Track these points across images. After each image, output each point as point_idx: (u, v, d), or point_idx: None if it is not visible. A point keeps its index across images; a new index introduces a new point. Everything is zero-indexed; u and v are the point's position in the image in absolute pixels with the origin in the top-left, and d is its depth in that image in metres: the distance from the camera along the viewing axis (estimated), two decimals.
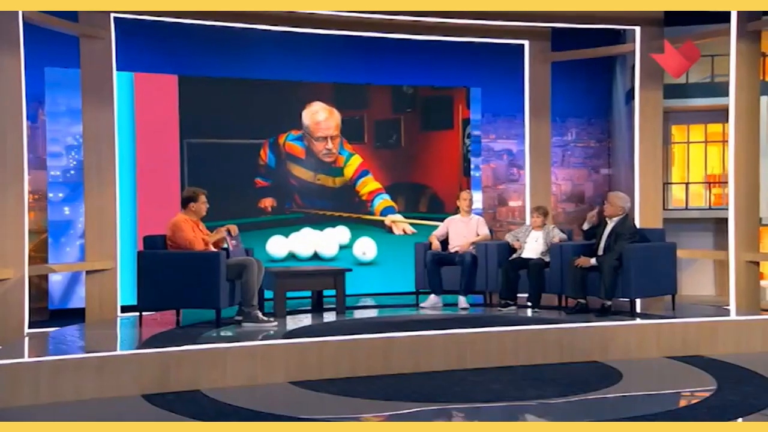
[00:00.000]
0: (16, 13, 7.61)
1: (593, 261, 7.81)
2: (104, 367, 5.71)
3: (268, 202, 10.67)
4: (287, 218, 10.73)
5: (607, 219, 8.09)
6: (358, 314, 8.42)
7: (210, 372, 5.91)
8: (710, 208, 15.83)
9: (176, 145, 10.19)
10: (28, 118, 8.10)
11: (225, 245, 7.61)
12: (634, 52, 10.08)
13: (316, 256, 10.66)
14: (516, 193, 13.25)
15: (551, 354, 6.72)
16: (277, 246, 10.50)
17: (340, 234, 10.85)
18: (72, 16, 8.65)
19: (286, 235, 10.60)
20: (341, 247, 10.79)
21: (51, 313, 9.88)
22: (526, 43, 10.51)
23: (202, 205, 7.55)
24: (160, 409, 5.34)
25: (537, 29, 10.39)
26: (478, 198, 11.38)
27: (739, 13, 9.14)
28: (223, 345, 6.18)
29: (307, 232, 10.71)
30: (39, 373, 5.53)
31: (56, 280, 10.03)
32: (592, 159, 13.91)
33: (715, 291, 15.02)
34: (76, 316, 9.21)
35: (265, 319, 7.31)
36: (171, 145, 10.17)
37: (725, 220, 9.47)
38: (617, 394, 5.72)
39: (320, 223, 10.80)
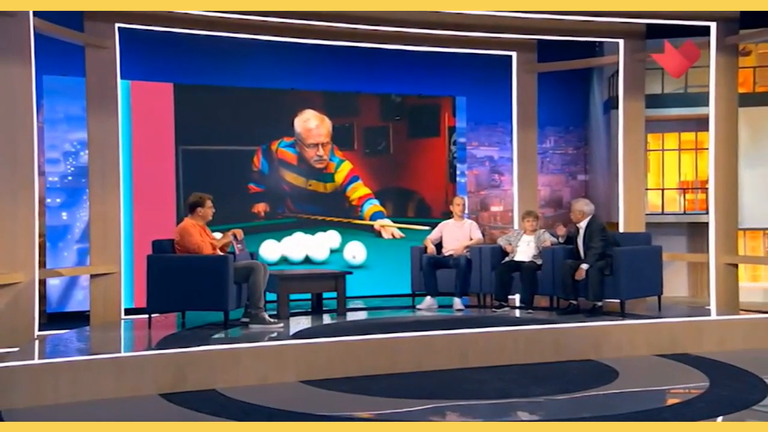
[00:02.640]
0: (28, 23, 7.71)
1: (585, 266, 8.10)
2: (122, 367, 5.87)
3: (261, 207, 10.85)
4: (280, 223, 10.93)
5: (577, 226, 8.42)
6: (359, 316, 8.64)
7: (224, 372, 6.09)
8: (684, 213, 16.26)
9: (171, 151, 10.36)
10: None
11: (231, 249, 7.78)
12: (617, 63, 10.38)
13: (307, 260, 10.87)
14: (498, 198, 13.57)
15: (548, 353, 7.00)
16: (270, 250, 10.70)
17: (331, 238, 11.07)
18: (77, 26, 8.81)
19: (279, 239, 10.81)
20: (332, 251, 11.02)
21: (49, 316, 9.99)
22: (513, 54, 10.80)
23: (208, 210, 7.70)
24: (180, 407, 5.48)
25: (524, 41, 10.67)
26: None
27: (718, 28, 9.55)
28: (236, 346, 6.35)
29: (299, 236, 10.92)
30: (59, 373, 5.68)
31: (54, 284, 10.13)
32: (569, 165, 14.28)
33: (689, 292, 15.46)
34: (74, 319, 9.36)
35: (271, 320, 7.46)
36: (166, 152, 10.34)
37: (698, 224, 9.80)
38: (618, 391, 5.95)
39: (312, 227, 11.01)
